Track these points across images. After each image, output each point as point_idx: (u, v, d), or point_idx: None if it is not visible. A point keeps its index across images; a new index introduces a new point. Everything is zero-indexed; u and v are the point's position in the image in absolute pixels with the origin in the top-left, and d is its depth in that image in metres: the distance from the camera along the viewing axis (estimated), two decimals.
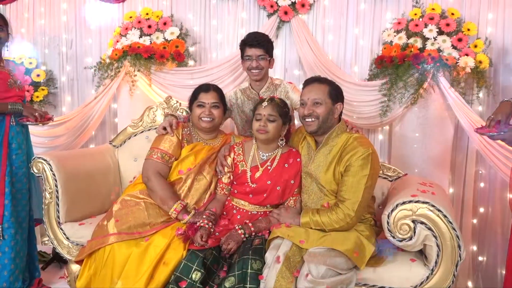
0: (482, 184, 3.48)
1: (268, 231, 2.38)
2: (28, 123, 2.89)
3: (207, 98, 2.65)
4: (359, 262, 2.15)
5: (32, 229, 3.06)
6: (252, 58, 2.80)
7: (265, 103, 2.46)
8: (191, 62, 3.84)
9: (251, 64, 2.82)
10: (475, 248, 3.52)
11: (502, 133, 2.21)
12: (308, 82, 2.45)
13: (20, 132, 2.93)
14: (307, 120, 2.38)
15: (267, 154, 2.55)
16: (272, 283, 2.05)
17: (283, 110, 2.48)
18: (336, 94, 2.39)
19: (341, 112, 2.43)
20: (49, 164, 2.70)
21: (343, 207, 2.24)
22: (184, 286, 2.15)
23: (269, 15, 3.75)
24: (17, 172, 2.89)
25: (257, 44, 2.80)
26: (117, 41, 3.75)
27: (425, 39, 3.30)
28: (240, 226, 2.37)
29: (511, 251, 2.28)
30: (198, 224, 2.35)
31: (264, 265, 2.15)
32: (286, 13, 3.69)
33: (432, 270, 2.16)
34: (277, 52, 2.91)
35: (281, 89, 2.92)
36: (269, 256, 2.17)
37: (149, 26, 3.73)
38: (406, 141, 3.42)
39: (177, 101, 3.19)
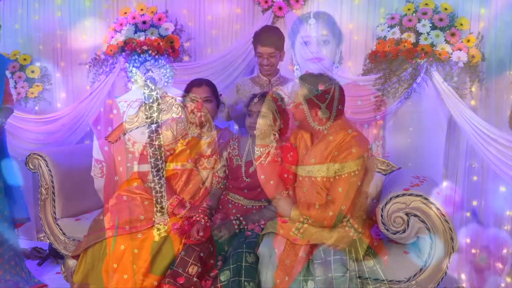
0: (475, 178, 3.51)
1: (258, 226, 2.39)
2: None
3: (199, 93, 2.67)
4: (356, 254, 2.18)
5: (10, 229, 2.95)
6: (264, 56, 2.98)
7: (256, 99, 2.49)
8: (186, 58, 3.85)
9: (262, 62, 3.03)
10: (468, 240, 3.55)
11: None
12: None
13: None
14: None
15: (261, 149, 2.56)
16: (270, 285, 2.09)
17: (275, 106, 2.48)
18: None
19: (343, 110, 2.40)
20: (45, 160, 2.71)
21: (332, 206, 2.25)
22: (180, 280, 2.17)
23: (264, 11, 3.76)
24: None
25: (269, 43, 2.96)
26: (112, 37, 3.75)
27: (418, 34, 3.31)
28: (235, 218, 2.40)
29: None
30: (194, 218, 2.37)
31: (258, 258, 2.18)
32: (280, 8, 3.69)
33: (426, 262, 2.19)
34: None
35: (290, 83, 3.05)
36: (262, 251, 2.19)
37: (144, 22, 3.73)
38: (400, 135, 3.45)
39: (172, 97, 3.19)
